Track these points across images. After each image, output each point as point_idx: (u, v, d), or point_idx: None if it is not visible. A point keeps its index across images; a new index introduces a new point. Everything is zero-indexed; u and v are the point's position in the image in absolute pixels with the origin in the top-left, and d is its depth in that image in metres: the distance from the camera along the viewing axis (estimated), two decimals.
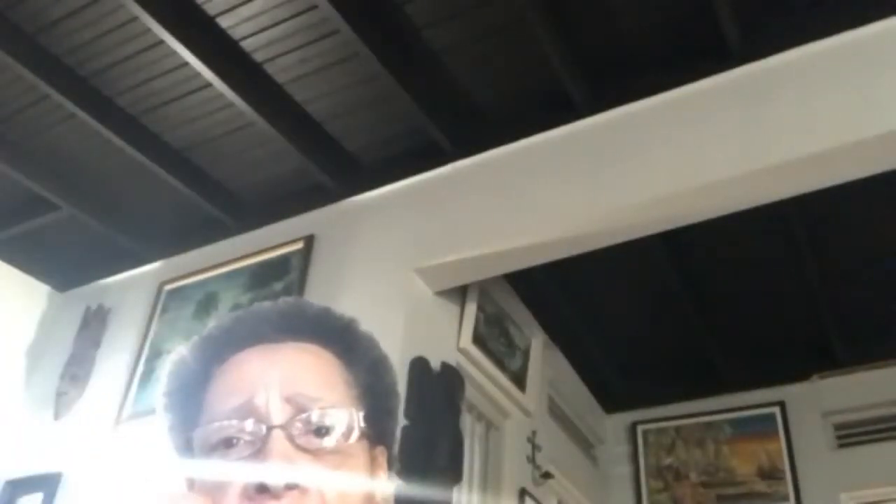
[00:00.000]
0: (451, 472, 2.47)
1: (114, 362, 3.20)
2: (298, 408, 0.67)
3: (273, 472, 0.62)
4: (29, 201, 3.25)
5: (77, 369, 3.25)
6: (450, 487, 2.48)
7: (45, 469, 2.98)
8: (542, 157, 2.71)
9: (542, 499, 3.31)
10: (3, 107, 2.85)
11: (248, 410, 0.67)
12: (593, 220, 2.54)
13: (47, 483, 2.94)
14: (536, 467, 3.31)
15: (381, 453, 0.75)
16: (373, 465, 0.73)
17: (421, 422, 2.38)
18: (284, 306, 0.77)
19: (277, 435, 0.65)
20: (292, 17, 2.46)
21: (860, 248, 3.22)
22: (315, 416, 0.67)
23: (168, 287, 3.27)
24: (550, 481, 3.38)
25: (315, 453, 0.66)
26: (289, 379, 0.69)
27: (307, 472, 0.64)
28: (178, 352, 0.76)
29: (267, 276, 3.00)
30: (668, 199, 2.42)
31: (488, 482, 3.01)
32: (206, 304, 3.10)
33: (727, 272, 3.43)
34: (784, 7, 2.39)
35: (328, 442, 0.67)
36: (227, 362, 0.72)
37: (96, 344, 3.32)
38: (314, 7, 2.39)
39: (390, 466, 0.77)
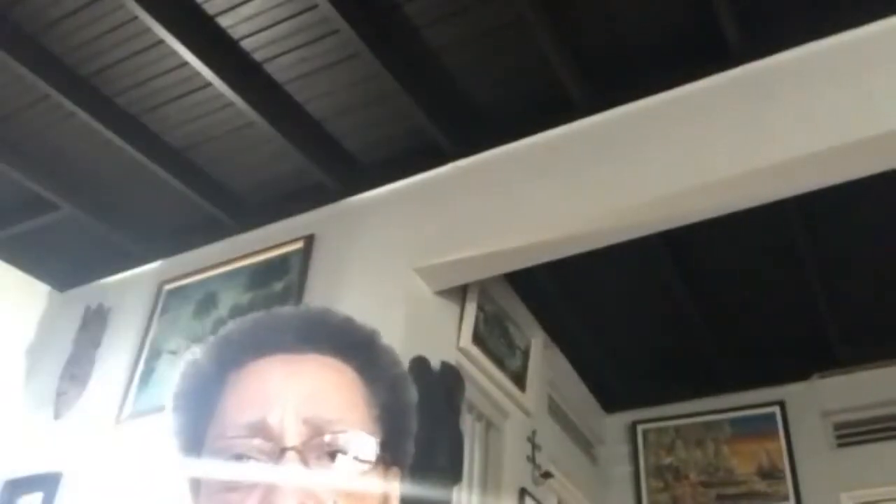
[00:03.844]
0: (451, 472, 2.47)
1: (114, 362, 3.20)
2: (315, 429, 0.64)
3: (286, 479, 0.61)
4: (29, 201, 3.25)
5: (77, 369, 3.25)
6: (450, 487, 2.48)
7: (45, 469, 2.98)
8: (542, 157, 2.70)
9: (542, 499, 3.30)
10: (3, 107, 2.85)
11: (261, 428, 0.64)
12: (593, 220, 2.54)
13: (47, 483, 2.94)
14: (536, 467, 3.31)
15: (394, 475, 0.72)
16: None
17: (421, 421, 2.38)
18: (307, 314, 0.73)
19: (290, 457, 0.62)
20: (292, 16, 2.46)
21: (860, 248, 3.21)
22: (331, 439, 0.64)
23: (168, 287, 3.27)
24: (550, 481, 3.38)
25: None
26: (308, 397, 0.66)
27: (320, 482, 0.62)
28: (192, 352, 0.72)
29: (267, 275, 3.00)
30: (669, 198, 2.42)
31: (488, 482, 3.01)
32: (206, 303, 3.10)
33: (727, 272, 3.43)
34: (784, 7, 2.39)
35: (342, 466, 0.64)
36: (244, 369, 0.69)
37: (96, 344, 3.32)
38: (314, 7, 2.39)
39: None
